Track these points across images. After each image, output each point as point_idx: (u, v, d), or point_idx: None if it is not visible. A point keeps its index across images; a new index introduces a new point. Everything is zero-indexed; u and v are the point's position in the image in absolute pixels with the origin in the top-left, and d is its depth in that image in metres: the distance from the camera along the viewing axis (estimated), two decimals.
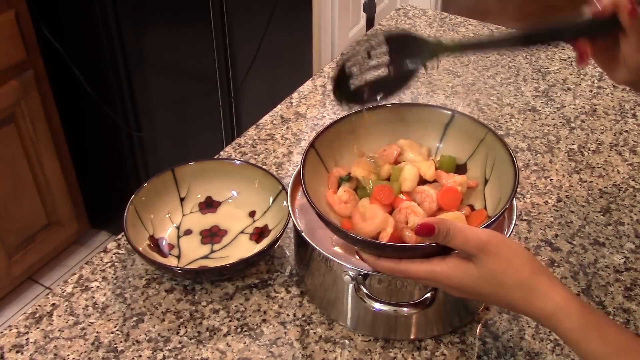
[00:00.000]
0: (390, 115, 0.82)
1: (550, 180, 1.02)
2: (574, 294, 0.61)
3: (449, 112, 0.81)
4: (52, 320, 0.79)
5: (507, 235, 0.74)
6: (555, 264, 0.88)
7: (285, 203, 0.84)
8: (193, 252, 0.87)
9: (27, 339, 0.77)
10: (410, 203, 0.73)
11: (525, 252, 0.62)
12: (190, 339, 0.77)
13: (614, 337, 0.58)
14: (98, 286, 0.84)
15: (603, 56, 0.73)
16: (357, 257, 0.70)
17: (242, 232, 0.90)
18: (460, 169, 0.80)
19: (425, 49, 0.75)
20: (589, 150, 1.09)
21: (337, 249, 0.76)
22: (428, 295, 0.71)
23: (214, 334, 0.78)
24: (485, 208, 0.76)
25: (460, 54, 0.78)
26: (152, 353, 0.75)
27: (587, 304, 0.60)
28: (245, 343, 0.77)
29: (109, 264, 0.87)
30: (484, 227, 0.65)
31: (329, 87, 1.24)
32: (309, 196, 0.71)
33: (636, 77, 0.71)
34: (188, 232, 0.90)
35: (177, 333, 0.78)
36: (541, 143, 1.10)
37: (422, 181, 0.77)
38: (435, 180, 0.77)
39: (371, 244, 0.68)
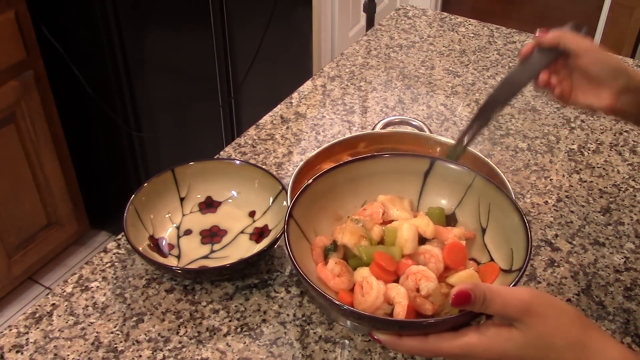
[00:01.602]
0: (363, 170, 0.75)
1: (550, 180, 1.02)
2: (625, 346, 0.57)
3: (427, 160, 0.74)
4: (52, 320, 0.79)
5: (526, 265, 0.67)
6: (555, 264, 0.88)
7: (285, 203, 0.84)
8: (193, 252, 0.87)
9: (27, 339, 0.77)
10: (419, 267, 0.65)
11: (571, 309, 0.57)
12: (190, 339, 0.77)
13: None
14: (98, 286, 0.84)
15: (576, 90, 0.76)
16: (372, 338, 0.61)
17: (242, 232, 0.90)
18: (449, 219, 0.74)
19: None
20: (589, 150, 1.09)
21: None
22: None
23: (214, 334, 0.78)
24: (492, 260, 0.70)
25: (465, 149, 0.80)
26: (152, 353, 0.75)
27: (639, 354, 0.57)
28: (245, 343, 0.77)
29: (109, 264, 0.87)
30: (513, 285, 0.59)
31: (329, 87, 1.24)
32: (305, 276, 0.62)
33: (623, 97, 0.72)
34: (188, 232, 0.90)
35: (177, 333, 0.78)
36: (541, 143, 1.10)
37: (420, 240, 0.70)
38: (434, 238, 0.70)
39: (392, 323, 0.59)
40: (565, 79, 0.76)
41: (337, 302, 0.60)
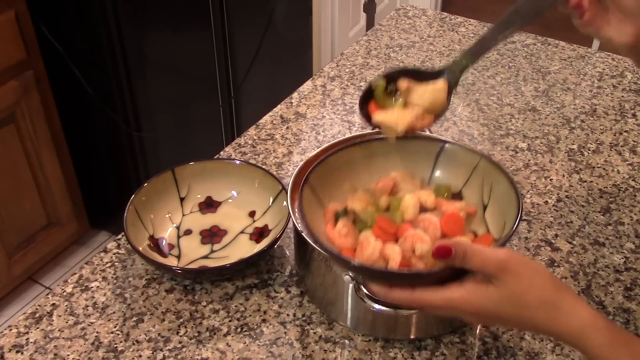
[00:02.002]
0: (380, 149, 0.81)
1: (550, 180, 1.02)
2: (598, 310, 0.59)
3: (439, 143, 0.80)
4: (52, 320, 0.79)
5: (512, 232, 0.73)
6: (555, 264, 0.88)
7: (285, 203, 0.84)
8: (193, 252, 0.87)
9: (27, 339, 0.77)
10: (416, 230, 0.71)
11: (545, 270, 0.60)
12: (190, 339, 0.77)
13: None
14: (98, 286, 0.84)
15: (599, 17, 0.71)
16: (367, 291, 0.68)
17: (242, 232, 0.90)
18: (456, 197, 0.79)
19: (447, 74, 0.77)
20: (589, 150, 1.09)
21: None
22: None
23: (214, 334, 0.78)
24: (489, 232, 0.75)
25: (474, 61, 0.78)
26: (152, 353, 0.75)
27: (611, 320, 0.59)
28: (245, 343, 0.77)
29: (109, 264, 0.87)
30: (498, 246, 0.63)
31: (329, 87, 1.24)
32: (312, 233, 0.69)
33: (634, 27, 0.68)
34: (188, 232, 0.90)
35: (177, 333, 0.78)
36: (541, 143, 1.10)
37: (423, 210, 0.75)
38: (435, 209, 0.75)
39: (383, 273, 0.65)
40: (594, 1, 0.71)
41: (334, 252, 0.67)
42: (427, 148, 0.81)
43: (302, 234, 0.73)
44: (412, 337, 0.77)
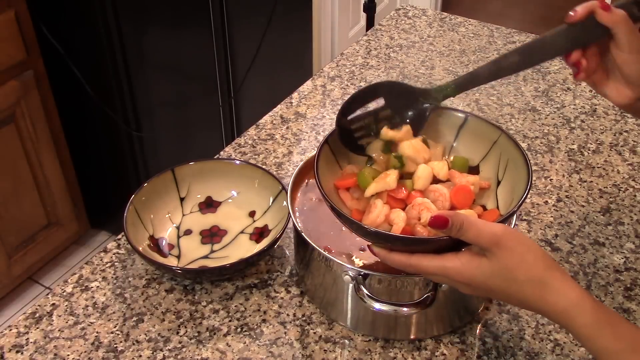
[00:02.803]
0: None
1: (550, 180, 1.02)
2: (586, 290, 0.60)
3: (462, 115, 0.81)
4: (52, 320, 0.79)
5: (517, 208, 0.72)
6: None
7: (285, 203, 0.84)
8: (193, 252, 0.87)
9: (27, 339, 0.77)
10: (424, 199, 0.72)
11: (538, 248, 0.61)
12: (190, 339, 0.77)
13: (626, 334, 0.58)
14: (98, 286, 0.84)
15: (599, 75, 0.72)
16: (369, 250, 0.70)
17: (242, 232, 0.90)
18: (473, 170, 0.80)
19: (425, 99, 0.78)
20: (589, 150, 1.09)
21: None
22: (428, 294, 0.71)
23: (214, 334, 0.78)
24: (497, 208, 0.76)
25: (457, 93, 0.78)
26: (152, 353, 0.75)
27: (599, 301, 0.60)
28: (245, 343, 0.77)
29: (109, 264, 0.87)
30: (498, 221, 0.64)
31: (329, 87, 1.24)
32: (323, 189, 0.70)
33: (635, 90, 0.69)
34: (188, 232, 0.90)
35: (177, 333, 0.78)
36: (541, 143, 1.10)
37: (436, 181, 0.77)
38: (448, 180, 0.77)
39: (383, 236, 0.67)
40: (595, 56, 0.71)
41: (338, 209, 0.68)
42: (451, 119, 0.81)
43: (321, 192, 0.72)
44: (412, 337, 0.77)
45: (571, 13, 0.69)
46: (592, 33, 0.69)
